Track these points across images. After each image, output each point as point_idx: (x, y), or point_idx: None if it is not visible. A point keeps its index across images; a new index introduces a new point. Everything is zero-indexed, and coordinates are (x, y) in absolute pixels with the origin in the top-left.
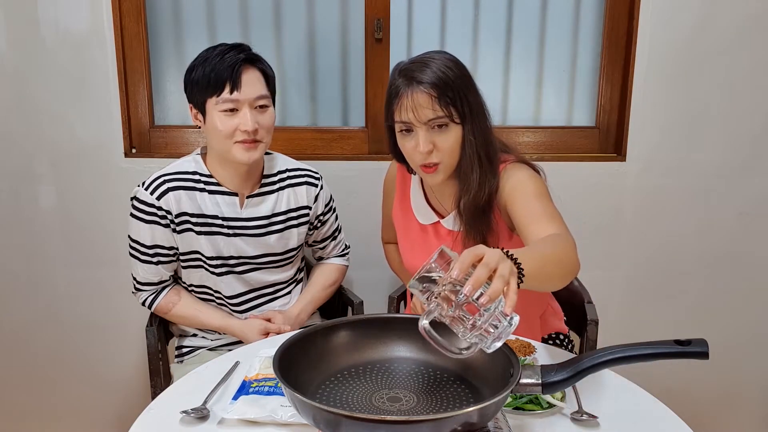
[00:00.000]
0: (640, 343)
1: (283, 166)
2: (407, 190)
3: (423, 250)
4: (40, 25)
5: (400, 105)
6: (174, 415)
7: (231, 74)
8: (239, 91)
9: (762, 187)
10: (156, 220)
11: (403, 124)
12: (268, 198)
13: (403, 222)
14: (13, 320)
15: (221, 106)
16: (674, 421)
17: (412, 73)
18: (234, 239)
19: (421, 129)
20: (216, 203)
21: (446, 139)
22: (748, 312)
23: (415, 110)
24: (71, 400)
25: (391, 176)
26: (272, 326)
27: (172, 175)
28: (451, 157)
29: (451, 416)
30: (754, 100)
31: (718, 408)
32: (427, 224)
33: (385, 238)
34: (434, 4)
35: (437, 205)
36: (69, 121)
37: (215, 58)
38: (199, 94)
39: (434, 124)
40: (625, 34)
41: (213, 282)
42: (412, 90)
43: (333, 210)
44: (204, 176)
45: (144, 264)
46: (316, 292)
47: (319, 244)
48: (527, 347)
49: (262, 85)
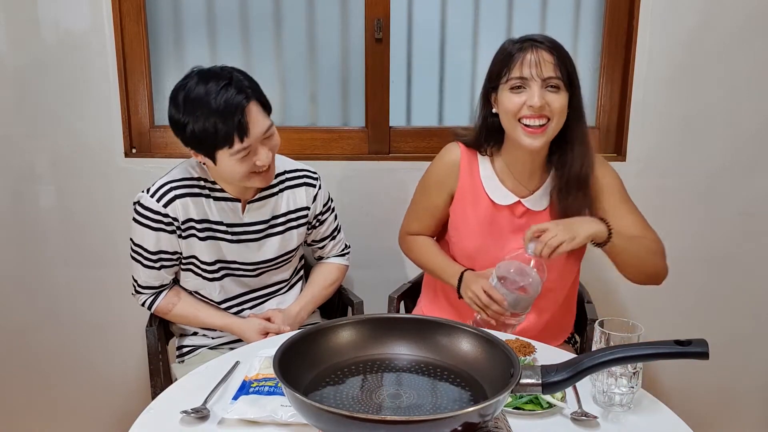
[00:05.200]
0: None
1: (282, 168)
2: (476, 172)
3: (497, 230)
4: (40, 25)
5: (520, 61)
6: (174, 415)
7: (239, 125)
8: (249, 136)
9: (762, 187)
10: (162, 227)
11: (520, 80)
12: (268, 202)
13: (470, 204)
14: (13, 320)
15: (236, 156)
16: (674, 421)
17: (532, 37)
18: (236, 245)
19: (536, 85)
20: (221, 209)
21: (558, 99)
22: (748, 312)
23: (539, 65)
24: (71, 400)
25: (452, 160)
26: (272, 326)
27: (179, 182)
28: (560, 119)
29: (451, 416)
30: (754, 100)
31: (718, 408)
32: (505, 204)
33: (413, 228)
34: (434, 4)
35: (511, 187)
36: (69, 121)
37: (214, 114)
38: (203, 146)
39: (550, 83)
40: (625, 34)
41: (207, 288)
42: (536, 48)
43: (332, 210)
44: (209, 182)
45: (146, 269)
46: (316, 292)
47: (318, 243)
48: (527, 347)
49: (265, 115)
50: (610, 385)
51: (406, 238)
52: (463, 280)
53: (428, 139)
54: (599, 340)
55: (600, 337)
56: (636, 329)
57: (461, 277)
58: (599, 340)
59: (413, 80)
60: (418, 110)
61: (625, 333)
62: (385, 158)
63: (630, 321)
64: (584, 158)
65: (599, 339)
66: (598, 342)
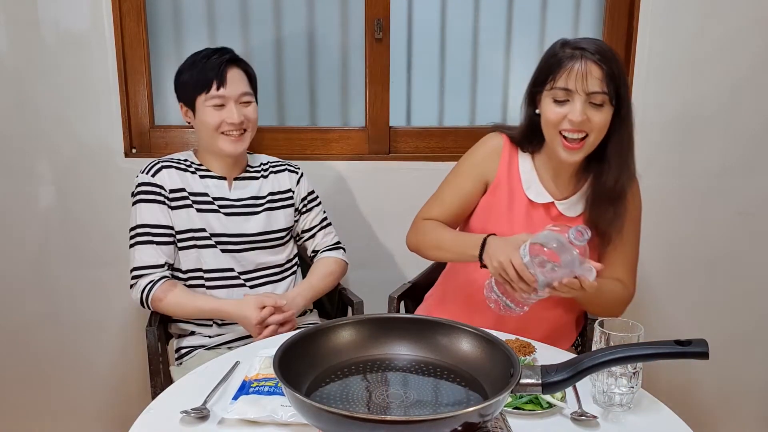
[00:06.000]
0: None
1: (265, 160)
2: (515, 165)
3: (530, 227)
4: (40, 25)
5: (567, 71)
6: (174, 415)
7: (217, 73)
8: (225, 87)
9: (762, 187)
10: (156, 198)
11: (564, 92)
12: (253, 182)
13: (506, 196)
14: (13, 320)
15: (210, 102)
16: (674, 421)
17: (583, 45)
18: (225, 218)
19: (579, 98)
20: (205, 185)
21: (599, 116)
22: (748, 312)
23: (585, 78)
24: (71, 399)
25: (494, 147)
26: (268, 300)
27: (167, 160)
28: (599, 134)
29: (451, 416)
30: (754, 100)
31: (718, 408)
32: (539, 202)
33: (432, 214)
34: (434, 4)
35: (548, 188)
36: (69, 121)
37: (201, 60)
38: (188, 93)
39: (594, 99)
40: (625, 34)
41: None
42: (585, 59)
43: (318, 203)
44: (195, 164)
45: (144, 246)
46: (314, 280)
47: (308, 233)
48: (527, 347)
49: (245, 83)
50: (610, 385)
51: (420, 222)
52: (488, 245)
53: (428, 139)
54: (599, 340)
55: (600, 337)
56: (636, 329)
57: (484, 242)
58: (599, 340)
59: (413, 80)
60: (418, 110)
61: (625, 333)
62: (385, 158)
63: (630, 321)
64: (620, 174)
65: (599, 339)
66: (598, 342)
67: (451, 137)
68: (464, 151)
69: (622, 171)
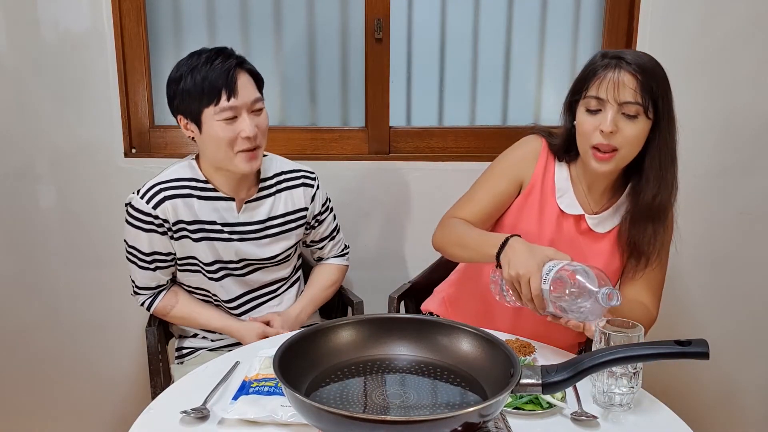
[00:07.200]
0: (640, 343)
1: (279, 169)
2: (550, 171)
3: (557, 237)
4: (40, 25)
5: (601, 80)
6: (174, 415)
7: (226, 81)
8: (236, 97)
9: (762, 187)
10: (153, 229)
11: (596, 101)
12: (265, 202)
13: (538, 201)
14: (13, 320)
15: (221, 115)
16: (674, 421)
17: (622, 55)
18: (233, 243)
19: (611, 109)
20: (214, 209)
21: (632, 128)
22: (748, 312)
23: (617, 88)
24: (71, 399)
25: (533, 149)
26: (270, 330)
27: (168, 183)
28: (631, 148)
29: (451, 416)
30: (754, 100)
31: (718, 408)
32: (570, 214)
33: (461, 213)
34: (434, 4)
35: (580, 200)
36: (69, 121)
37: (204, 65)
38: (191, 104)
39: (627, 110)
40: (625, 34)
41: (210, 286)
42: (620, 68)
43: (330, 210)
44: (200, 182)
45: (141, 270)
46: (316, 293)
47: (317, 244)
48: (527, 347)
49: (255, 88)
50: (610, 385)
51: (447, 220)
52: (509, 246)
53: (428, 139)
54: (599, 340)
55: (600, 337)
56: (636, 329)
57: (505, 242)
58: (599, 340)
59: (413, 80)
60: (418, 110)
61: (625, 333)
62: (385, 158)
63: (630, 321)
64: (659, 189)
65: (599, 339)
66: (598, 342)
67: (451, 137)
68: (465, 152)
69: (662, 187)
